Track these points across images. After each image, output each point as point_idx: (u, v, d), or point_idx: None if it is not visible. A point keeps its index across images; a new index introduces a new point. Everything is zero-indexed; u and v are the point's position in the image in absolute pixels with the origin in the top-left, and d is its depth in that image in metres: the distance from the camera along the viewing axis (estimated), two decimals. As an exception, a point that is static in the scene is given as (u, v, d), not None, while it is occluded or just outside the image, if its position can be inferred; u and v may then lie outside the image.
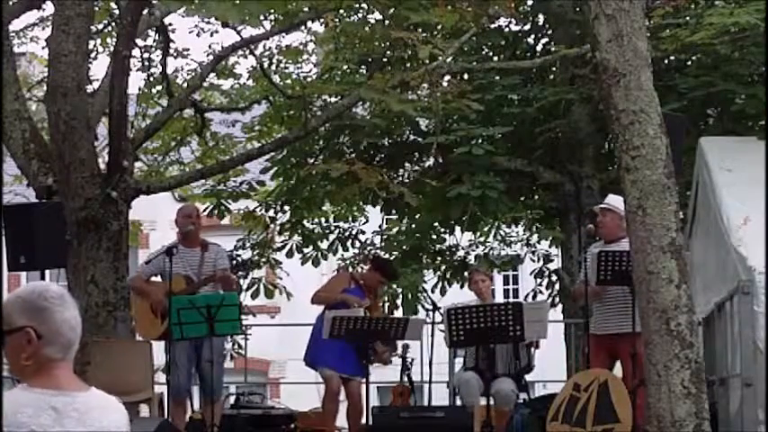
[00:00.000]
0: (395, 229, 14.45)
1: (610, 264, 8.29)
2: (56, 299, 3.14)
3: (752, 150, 8.92)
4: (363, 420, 9.06)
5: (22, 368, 3.10)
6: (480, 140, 12.64)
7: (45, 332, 3.10)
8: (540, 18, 14.36)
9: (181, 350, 8.90)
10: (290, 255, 14.04)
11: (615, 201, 8.75)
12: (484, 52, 14.26)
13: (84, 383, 3.19)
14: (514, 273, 23.05)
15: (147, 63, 13.59)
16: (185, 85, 13.55)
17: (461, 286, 13.16)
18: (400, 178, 13.59)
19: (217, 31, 13.99)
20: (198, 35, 14.21)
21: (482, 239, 13.98)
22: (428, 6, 10.74)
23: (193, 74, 13.51)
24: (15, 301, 3.14)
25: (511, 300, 19.81)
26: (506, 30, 14.25)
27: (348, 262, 14.24)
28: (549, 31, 14.26)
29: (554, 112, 13.18)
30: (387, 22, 12.06)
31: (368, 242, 14.49)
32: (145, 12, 11.27)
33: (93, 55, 12.95)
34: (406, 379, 10.29)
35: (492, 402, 8.80)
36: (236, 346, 13.77)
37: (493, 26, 13.57)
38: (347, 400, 9.57)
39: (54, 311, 3.12)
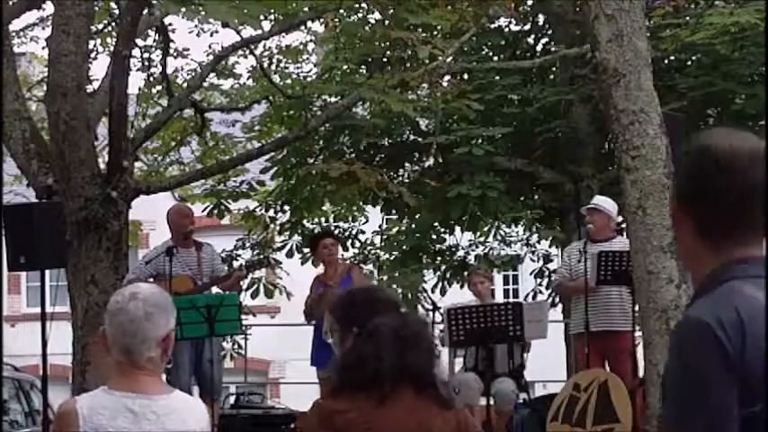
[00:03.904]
0: (395, 229, 14.44)
1: (610, 264, 8.31)
2: (121, 302, 3.06)
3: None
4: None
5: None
6: (480, 140, 12.64)
7: (109, 335, 3.08)
8: (540, 18, 14.37)
9: (181, 350, 8.88)
10: (290, 255, 14.03)
11: (602, 201, 8.89)
12: (484, 52, 14.26)
13: (167, 386, 3.15)
14: (514, 273, 23.03)
15: (147, 63, 13.59)
16: (185, 85, 13.55)
17: (461, 286, 13.14)
18: (400, 178, 13.58)
19: (217, 31, 14.00)
20: (198, 35, 14.21)
21: (482, 239, 13.97)
22: (427, 7, 10.74)
23: (193, 74, 13.51)
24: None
25: (511, 300, 19.81)
26: (506, 30, 14.26)
27: (348, 262, 14.21)
28: (549, 31, 14.26)
29: (554, 112, 13.17)
30: (387, 22, 12.06)
31: (368, 242, 14.48)
32: (145, 12, 11.26)
33: (93, 55, 12.94)
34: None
35: (492, 402, 8.80)
36: (236, 346, 13.76)
37: (493, 26, 13.58)
38: None
39: (116, 314, 3.07)
